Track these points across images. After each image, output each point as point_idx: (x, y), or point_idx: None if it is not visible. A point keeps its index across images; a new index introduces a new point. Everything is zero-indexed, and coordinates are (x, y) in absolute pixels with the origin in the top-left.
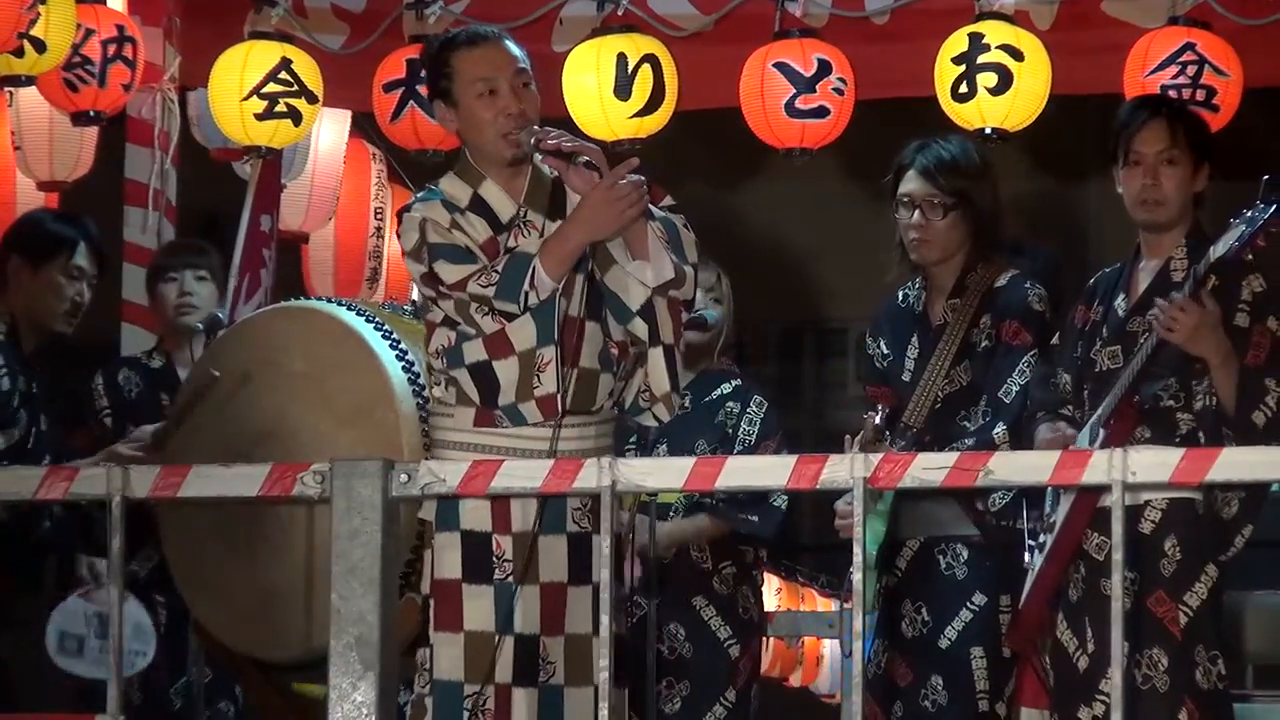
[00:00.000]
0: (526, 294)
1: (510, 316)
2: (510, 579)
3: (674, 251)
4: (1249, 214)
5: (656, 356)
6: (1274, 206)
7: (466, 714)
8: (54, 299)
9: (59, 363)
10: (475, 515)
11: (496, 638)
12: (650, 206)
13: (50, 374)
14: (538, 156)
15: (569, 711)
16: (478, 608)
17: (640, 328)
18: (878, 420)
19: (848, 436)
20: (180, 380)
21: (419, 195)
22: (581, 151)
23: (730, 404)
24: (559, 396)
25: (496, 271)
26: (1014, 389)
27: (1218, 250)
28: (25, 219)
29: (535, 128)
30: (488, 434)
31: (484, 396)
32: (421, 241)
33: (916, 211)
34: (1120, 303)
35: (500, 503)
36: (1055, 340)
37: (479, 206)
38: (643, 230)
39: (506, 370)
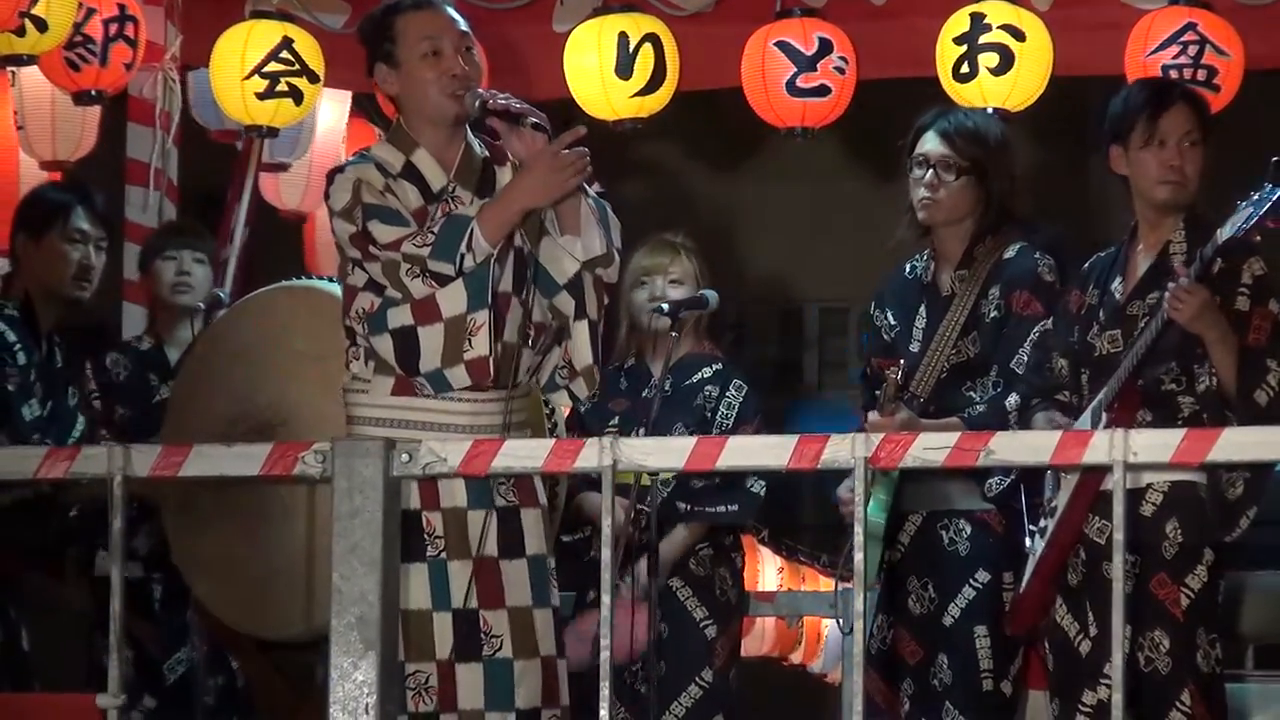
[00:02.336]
0: (463, 256)
1: (443, 279)
2: (443, 555)
3: (603, 230)
4: (1256, 196)
5: (581, 330)
6: None
7: (410, 693)
8: (60, 265)
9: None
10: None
11: (431, 614)
12: (583, 184)
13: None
14: (470, 134)
15: (519, 683)
16: (414, 586)
17: (566, 302)
18: (898, 377)
19: (872, 413)
20: (169, 363)
21: (350, 159)
22: (529, 114)
23: (710, 387)
24: (490, 360)
25: (433, 233)
26: (1025, 358)
27: (1225, 233)
28: (27, 195)
29: (480, 90)
30: (405, 407)
31: (404, 363)
32: (355, 201)
33: (930, 171)
34: (1117, 287)
35: (427, 480)
36: (1049, 325)
37: (411, 173)
38: (576, 205)
39: (430, 337)
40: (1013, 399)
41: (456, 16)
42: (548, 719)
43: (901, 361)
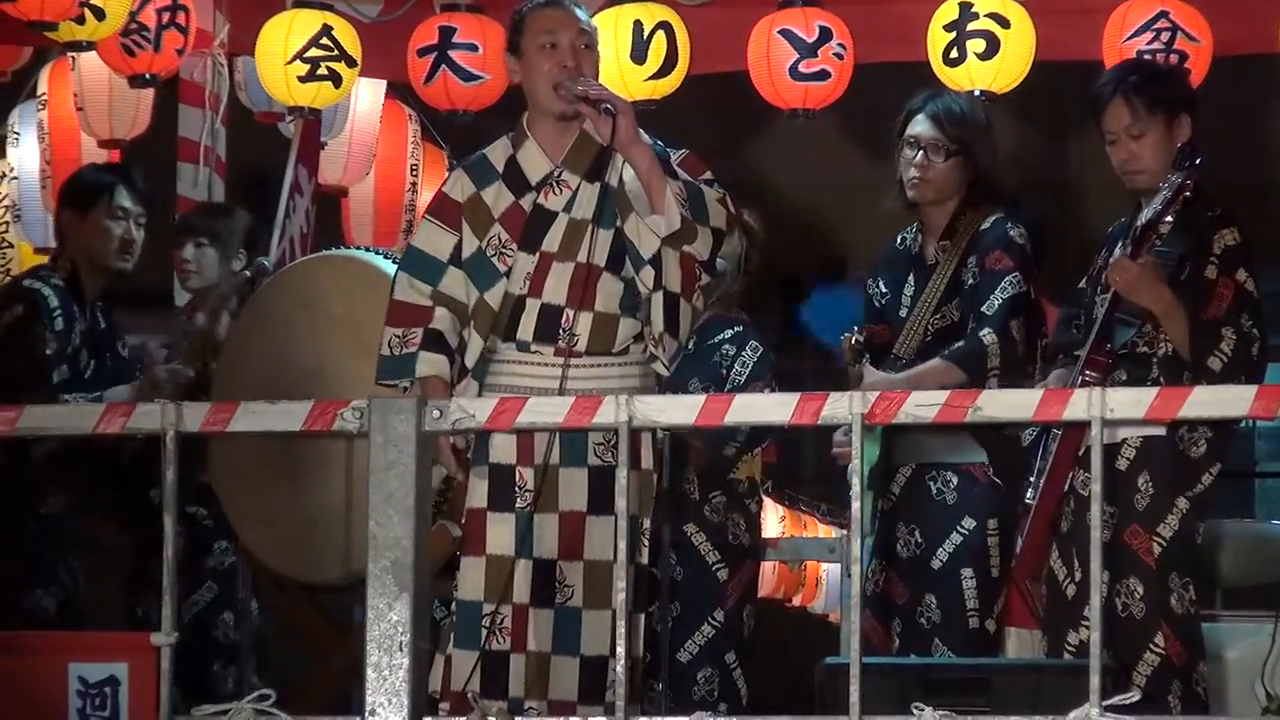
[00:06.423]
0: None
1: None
2: (529, 507)
3: (691, 210)
4: (1171, 178)
5: (657, 299)
6: (1185, 172)
7: (484, 631)
8: (104, 240)
9: (118, 309)
10: (502, 449)
11: (514, 561)
12: (676, 168)
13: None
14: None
15: (586, 632)
16: (499, 533)
17: (648, 274)
18: (855, 340)
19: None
20: (199, 333)
21: (470, 159)
22: (605, 99)
23: (727, 347)
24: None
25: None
26: (997, 302)
27: (1145, 215)
28: (71, 176)
29: (565, 81)
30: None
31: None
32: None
33: (921, 152)
34: (1119, 251)
35: (525, 437)
36: (1083, 284)
37: (511, 170)
38: (663, 187)
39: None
40: (986, 332)
41: (581, 16)
42: (614, 668)
43: (856, 328)
